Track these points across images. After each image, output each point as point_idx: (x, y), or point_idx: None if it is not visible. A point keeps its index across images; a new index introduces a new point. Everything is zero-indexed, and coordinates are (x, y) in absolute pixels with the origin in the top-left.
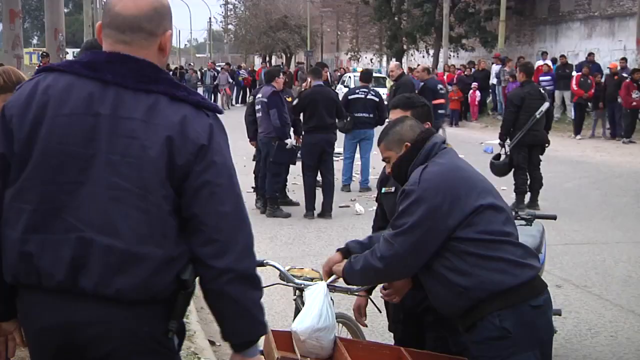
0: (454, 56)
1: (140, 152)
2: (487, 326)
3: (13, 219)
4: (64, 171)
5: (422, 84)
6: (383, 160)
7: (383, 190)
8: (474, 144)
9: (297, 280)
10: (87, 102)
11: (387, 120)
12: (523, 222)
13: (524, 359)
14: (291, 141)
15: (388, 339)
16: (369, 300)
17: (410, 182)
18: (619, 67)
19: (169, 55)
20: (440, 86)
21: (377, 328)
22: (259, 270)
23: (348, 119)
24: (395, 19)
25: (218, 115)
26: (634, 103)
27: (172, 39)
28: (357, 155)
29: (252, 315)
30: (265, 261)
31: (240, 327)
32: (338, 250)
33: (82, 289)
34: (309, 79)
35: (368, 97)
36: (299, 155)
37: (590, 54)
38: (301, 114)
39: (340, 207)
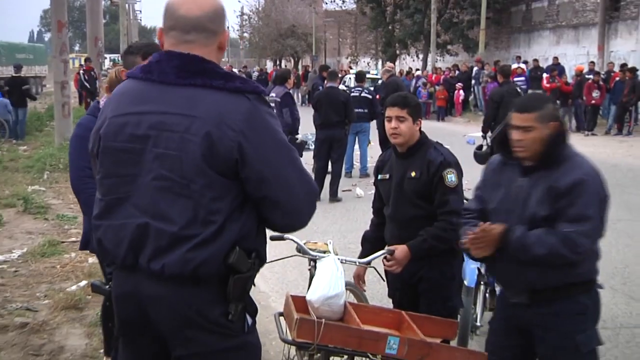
0: (440, 60)
1: (180, 145)
2: (575, 302)
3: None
4: (122, 165)
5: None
6: (519, 128)
7: (379, 177)
8: (458, 136)
9: (312, 253)
10: (135, 101)
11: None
12: None
13: (593, 333)
14: (300, 136)
15: (387, 303)
16: (375, 270)
17: (584, 172)
18: (586, 70)
19: None
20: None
21: (377, 295)
22: (279, 243)
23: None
24: (389, 27)
25: (260, 94)
26: (594, 101)
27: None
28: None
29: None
30: (285, 236)
31: None
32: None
33: (141, 266)
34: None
35: (362, 94)
36: (307, 147)
37: (555, 58)
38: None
39: (343, 191)
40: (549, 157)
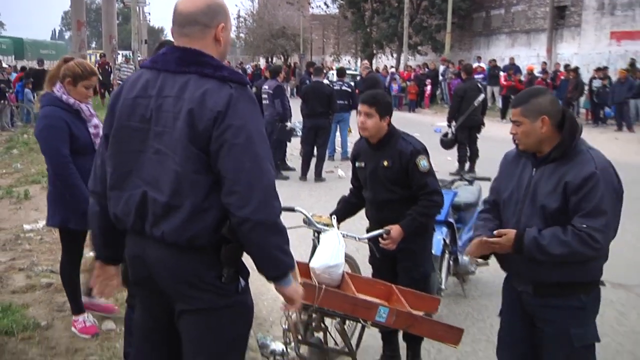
0: (411, 59)
1: (172, 122)
2: (576, 299)
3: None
4: (131, 142)
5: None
6: (514, 122)
7: (356, 164)
8: (427, 125)
9: (318, 225)
10: (145, 87)
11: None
12: (466, 183)
13: (589, 328)
14: (290, 124)
15: (366, 269)
16: (370, 245)
17: (596, 166)
18: (535, 69)
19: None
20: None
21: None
22: (289, 214)
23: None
24: (368, 30)
25: (245, 86)
26: None
27: (227, 31)
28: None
29: (274, 257)
30: (296, 208)
31: (266, 266)
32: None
33: (147, 232)
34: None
35: (343, 88)
36: (295, 133)
37: (511, 58)
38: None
39: (326, 172)
40: (558, 150)
